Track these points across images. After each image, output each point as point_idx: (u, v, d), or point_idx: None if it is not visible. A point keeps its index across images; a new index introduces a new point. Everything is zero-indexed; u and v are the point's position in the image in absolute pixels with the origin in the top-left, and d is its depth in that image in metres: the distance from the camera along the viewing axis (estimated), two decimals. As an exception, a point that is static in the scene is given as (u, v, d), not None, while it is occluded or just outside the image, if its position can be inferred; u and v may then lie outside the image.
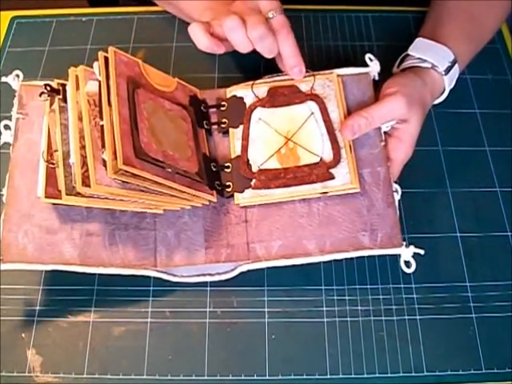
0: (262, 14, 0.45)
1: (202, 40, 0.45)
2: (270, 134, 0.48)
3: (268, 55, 0.46)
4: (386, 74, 0.53)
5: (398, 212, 0.45)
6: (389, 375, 0.44)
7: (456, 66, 0.50)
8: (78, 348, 0.45)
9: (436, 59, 0.49)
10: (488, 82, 0.59)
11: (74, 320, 0.47)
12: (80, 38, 0.62)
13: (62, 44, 0.62)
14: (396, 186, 0.47)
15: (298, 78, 0.48)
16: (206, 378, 0.44)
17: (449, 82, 0.50)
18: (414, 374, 0.45)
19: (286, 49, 0.46)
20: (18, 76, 0.50)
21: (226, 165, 0.48)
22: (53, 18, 0.64)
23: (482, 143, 0.55)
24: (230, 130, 0.49)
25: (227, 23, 0.44)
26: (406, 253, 0.44)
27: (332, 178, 0.45)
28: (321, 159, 0.46)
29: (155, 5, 0.64)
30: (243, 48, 0.46)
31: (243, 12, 0.45)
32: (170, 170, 0.42)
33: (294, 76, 0.48)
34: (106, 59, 0.43)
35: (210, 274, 0.46)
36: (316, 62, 0.60)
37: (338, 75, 0.50)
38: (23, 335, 0.46)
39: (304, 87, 0.49)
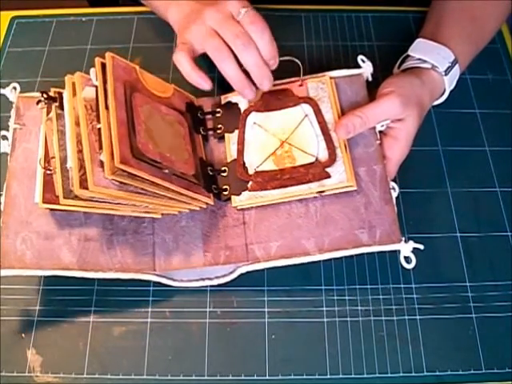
0: (236, 21, 0.45)
1: (191, 74, 0.46)
2: (265, 138, 0.48)
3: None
4: (386, 73, 0.53)
5: (396, 209, 0.45)
6: (389, 375, 0.44)
7: (456, 66, 0.50)
8: (78, 348, 0.45)
9: (436, 60, 0.49)
10: (488, 81, 0.59)
11: (74, 320, 0.47)
12: (80, 38, 0.62)
13: (62, 44, 0.62)
14: (393, 184, 0.47)
15: (273, 68, 0.47)
16: (205, 377, 0.44)
17: (449, 83, 0.50)
18: (414, 374, 0.45)
19: (261, 43, 0.45)
20: (15, 88, 0.50)
21: (223, 169, 0.48)
22: (53, 18, 0.64)
23: (482, 143, 0.55)
24: (226, 134, 0.49)
25: (218, 59, 0.45)
26: (406, 248, 0.44)
27: (328, 176, 0.45)
28: (316, 159, 0.46)
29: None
30: (236, 80, 0.46)
31: (218, 23, 0.45)
32: (166, 171, 0.42)
33: (270, 67, 0.47)
34: (103, 65, 0.44)
35: (209, 278, 0.46)
36: (316, 62, 0.60)
37: (331, 77, 0.50)
38: (23, 335, 0.46)
39: (297, 90, 0.49)
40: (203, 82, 0.46)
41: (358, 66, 0.51)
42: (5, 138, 0.49)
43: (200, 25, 0.47)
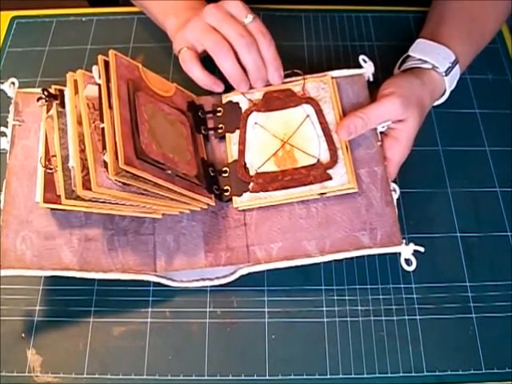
0: (239, 21, 0.47)
1: (203, 80, 0.49)
2: (266, 138, 0.48)
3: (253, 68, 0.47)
4: (386, 73, 0.53)
5: (396, 210, 0.45)
6: (389, 375, 0.44)
7: (457, 66, 0.50)
8: (78, 348, 0.45)
9: (436, 60, 0.49)
10: (488, 81, 0.59)
11: (74, 320, 0.47)
12: (80, 38, 0.62)
13: (62, 44, 0.62)
14: (394, 185, 0.47)
15: (278, 82, 0.49)
16: (205, 377, 0.44)
17: (449, 83, 0.50)
18: (414, 374, 0.45)
19: (267, 54, 0.47)
20: (13, 83, 0.50)
21: (224, 169, 0.48)
22: (53, 17, 0.64)
23: (482, 143, 0.55)
24: (227, 135, 0.49)
25: (217, 53, 0.46)
26: (406, 250, 0.44)
27: (329, 178, 0.45)
28: (318, 160, 0.46)
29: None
30: (234, 75, 0.47)
31: (219, 21, 0.47)
32: (169, 172, 0.42)
33: (275, 81, 0.49)
34: (106, 63, 0.44)
35: (210, 279, 0.46)
36: (316, 62, 0.60)
37: (333, 77, 0.50)
38: (23, 335, 0.46)
39: (298, 90, 0.49)
40: (216, 86, 0.49)
41: (359, 66, 0.50)
42: (3, 134, 0.48)
43: (197, 21, 0.47)
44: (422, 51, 0.50)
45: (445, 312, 0.47)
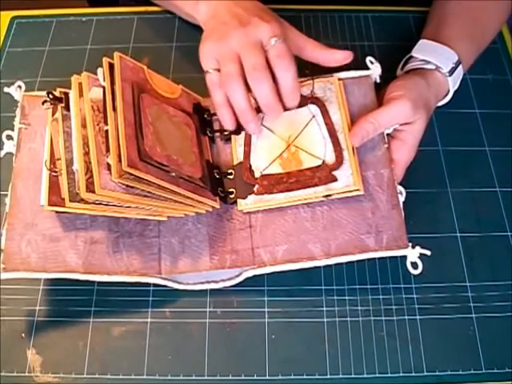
0: (261, 48, 0.44)
1: (220, 109, 0.46)
2: (271, 139, 0.48)
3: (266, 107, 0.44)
4: (386, 73, 0.53)
5: (403, 213, 0.45)
6: (389, 375, 0.44)
7: (460, 66, 0.50)
8: (77, 348, 0.45)
9: (440, 61, 0.49)
10: (488, 82, 0.59)
11: (74, 320, 0.47)
12: (80, 38, 0.62)
13: (61, 44, 0.62)
14: (400, 188, 0.46)
15: (293, 104, 0.46)
16: (205, 377, 0.44)
17: (453, 84, 0.50)
18: (414, 374, 0.45)
19: (283, 81, 0.44)
20: (20, 87, 0.50)
21: (229, 171, 0.48)
22: (53, 18, 0.64)
23: (482, 143, 0.55)
24: (232, 136, 0.49)
25: (226, 86, 0.44)
26: (413, 254, 0.44)
27: (335, 180, 0.45)
28: (323, 162, 0.46)
29: (155, 5, 0.64)
30: (242, 111, 0.45)
31: (241, 48, 0.44)
32: (174, 174, 0.42)
33: (290, 107, 0.47)
34: (111, 65, 0.44)
35: (215, 281, 0.46)
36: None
37: (339, 78, 0.50)
38: (23, 335, 0.46)
39: (305, 91, 0.49)
40: (229, 122, 0.46)
41: (360, 67, 0.50)
42: (10, 137, 0.48)
43: (222, 43, 0.44)
44: (425, 52, 0.50)
45: (445, 312, 0.47)
